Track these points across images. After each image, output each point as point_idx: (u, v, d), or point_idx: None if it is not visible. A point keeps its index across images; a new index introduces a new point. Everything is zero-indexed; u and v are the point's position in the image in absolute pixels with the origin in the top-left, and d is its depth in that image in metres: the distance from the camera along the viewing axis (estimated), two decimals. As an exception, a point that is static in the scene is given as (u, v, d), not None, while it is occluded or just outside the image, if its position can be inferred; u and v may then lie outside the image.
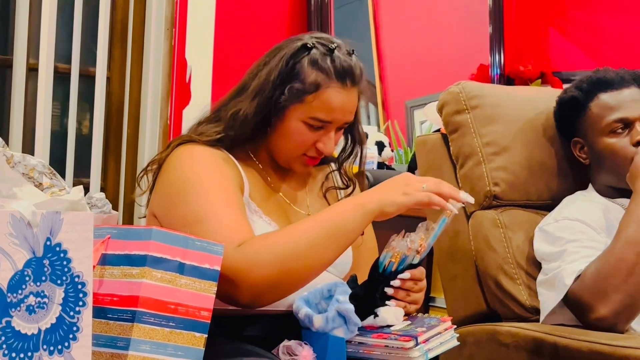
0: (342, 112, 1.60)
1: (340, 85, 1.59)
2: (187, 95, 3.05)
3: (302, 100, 1.58)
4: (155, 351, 1.22)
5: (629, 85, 1.94)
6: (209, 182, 1.52)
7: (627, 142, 1.89)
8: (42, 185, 1.37)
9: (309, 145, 1.61)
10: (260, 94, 1.59)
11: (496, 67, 3.76)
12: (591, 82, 1.97)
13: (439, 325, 1.49)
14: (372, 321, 1.49)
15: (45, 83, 2.72)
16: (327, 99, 1.58)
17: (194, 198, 1.51)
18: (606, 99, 1.93)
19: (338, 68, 1.59)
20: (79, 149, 2.88)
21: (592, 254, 1.79)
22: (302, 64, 1.59)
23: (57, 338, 1.12)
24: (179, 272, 1.25)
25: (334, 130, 1.62)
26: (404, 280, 1.51)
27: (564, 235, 1.86)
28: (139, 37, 3.02)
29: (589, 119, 1.94)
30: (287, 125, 1.60)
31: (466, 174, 2.06)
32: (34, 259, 1.10)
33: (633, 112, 1.90)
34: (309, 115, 1.58)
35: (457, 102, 2.07)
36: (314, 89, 1.57)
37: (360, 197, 1.50)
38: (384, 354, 1.44)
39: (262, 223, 1.58)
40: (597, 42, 3.66)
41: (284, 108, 1.59)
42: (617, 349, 1.59)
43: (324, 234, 1.45)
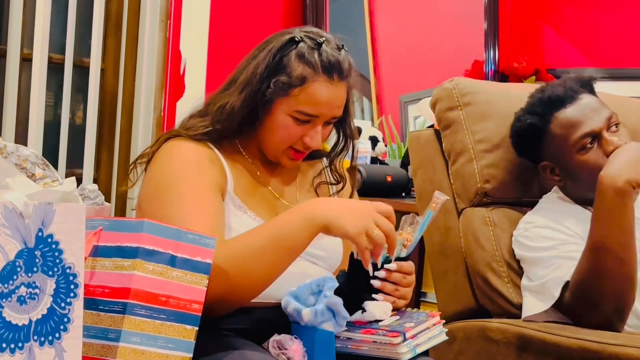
0: (328, 106, 1.59)
1: (326, 79, 1.58)
2: (181, 87, 3.05)
3: (288, 93, 1.57)
4: (146, 343, 1.22)
5: (582, 95, 1.89)
6: (184, 185, 1.52)
7: (601, 154, 1.84)
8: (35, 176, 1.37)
9: (296, 139, 1.61)
10: (248, 87, 1.59)
11: (491, 63, 3.77)
12: (543, 103, 1.91)
13: (428, 321, 1.50)
14: (360, 316, 1.49)
15: (39, 73, 2.72)
16: (313, 92, 1.57)
17: (167, 200, 1.52)
18: (565, 117, 1.87)
19: (325, 62, 1.58)
20: (72, 140, 2.88)
21: (571, 258, 1.78)
22: (289, 57, 1.58)
23: (48, 329, 1.12)
24: (171, 264, 1.26)
25: (321, 124, 1.61)
26: (390, 271, 1.51)
27: (536, 244, 1.86)
28: (133, 29, 3.02)
29: (554, 141, 1.89)
30: (273, 119, 1.60)
31: (458, 170, 2.06)
32: (26, 249, 1.10)
33: (597, 123, 1.85)
34: (295, 108, 1.58)
35: (450, 99, 2.07)
36: (300, 83, 1.57)
37: (311, 207, 1.47)
38: (372, 350, 1.44)
39: (246, 218, 1.58)
40: (591, 40, 3.67)
41: (271, 101, 1.58)
42: (606, 347, 1.60)
43: (267, 244, 1.43)
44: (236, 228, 1.55)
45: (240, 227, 1.55)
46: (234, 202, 1.59)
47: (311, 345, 1.44)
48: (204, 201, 1.52)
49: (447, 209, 2.06)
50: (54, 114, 2.91)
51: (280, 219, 1.47)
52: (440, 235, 2.09)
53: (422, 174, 2.16)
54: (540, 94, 1.94)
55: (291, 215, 1.46)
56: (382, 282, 1.51)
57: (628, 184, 1.71)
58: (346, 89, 1.63)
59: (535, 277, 1.83)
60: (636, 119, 2.12)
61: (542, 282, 1.80)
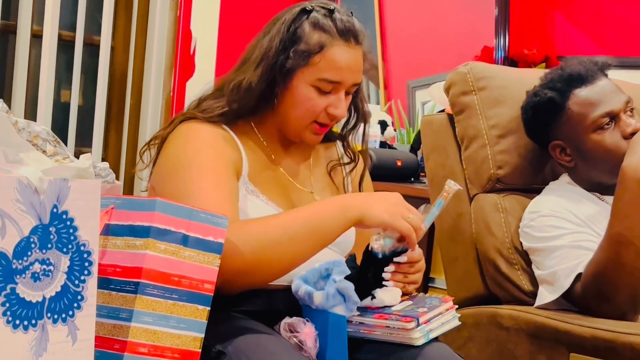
0: (349, 70, 1.58)
1: (344, 43, 1.57)
2: (192, 67, 3.04)
3: (308, 62, 1.55)
4: (158, 323, 1.21)
5: (600, 77, 1.88)
6: (202, 161, 1.51)
7: (618, 136, 1.83)
8: (46, 152, 1.36)
9: (320, 111, 1.58)
10: (264, 61, 1.58)
11: (500, 49, 3.75)
12: (563, 79, 1.89)
13: (441, 306, 1.49)
14: (369, 302, 1.48)
15: (49, 50, 2.71)
16: (333, 57, 1.56)
17: (185, 175, 1.50)
18: (584, 95, 1.86)
19: (340, 27, 1.57)
20: (81, 119, 2.87)
21: (579, 247, 1.77)
22: (303, 28, 1.57)
23: (62, 306, 1.11)
24: (183, 244, 1.24)
25: (343, 92, 1.59)
26: (399, 264, 1.50)
27: (543, 234, 1.84)
28: (144, 7, 3.00)
29: (570, 118, 1.87)
30: (295, 92, 1.58)
31: (470, 155, 2.05)
32: (40, 226, 1.09)
33: (616, 104, 1.84)
34: (317, 76, 1.56)
35: (465, 83, 2.06)
36: (319, 49, 1.55)
37: (345, 200, 1.48)
38: (385, 334, 1.43)
39: (259, 203, 1.57)
40: (601, 27, 3.64)
41: (291, 73, 1.56)
42: (619, 336, 1.59)
43: (302, 231, 1.43)
44: (247, 211, 1.54)
45: (251, 210, 1.54)
46: (246, 186, 1.57)
47: (323, 329, 1.43)
48: (223, 179, 1.50)
49: (459, 195, 2.04)
50: (63, 92, 2.90)
51: (315, 207, 1.48)
52: (451, 221, 2.08)
53: (434, 158, 2.15)
54: (560, 71, 1.93)
55: (328, 205, 1.46)
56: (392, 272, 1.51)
57: None
58: (362, 55, 1.61)
59: (545, 267, 1.82)
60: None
61: (552, 272, 1.79)
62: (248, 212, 1.54)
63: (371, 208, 1.44)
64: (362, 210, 1.44)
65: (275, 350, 1.36)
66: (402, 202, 1.46)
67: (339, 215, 1.44)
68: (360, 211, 1.44)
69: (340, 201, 1.47)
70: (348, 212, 1.44)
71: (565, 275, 1.75)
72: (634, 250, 1.68)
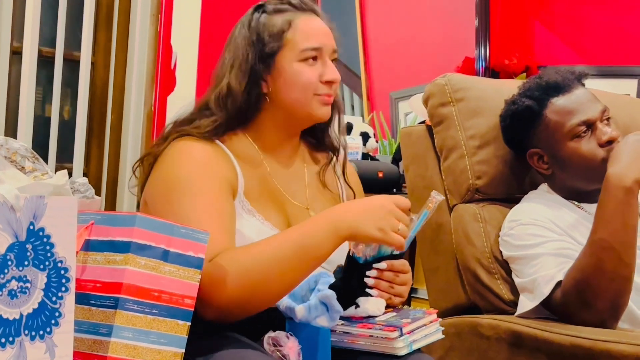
0: (324, 34, 1.62)
1: (307, 14, 1.62)
2: (172, 81, 3.04)
3: (283, 42, 1.59)
4: (138, 338, 1.21)
5: (577, 86, 1.91)
6: (195, 186, 1.51)
7: (594, 144, 1.84)
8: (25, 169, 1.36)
9: (315, 82, 1.60)
10: (236, 62, 1.60)
11: (481, 60, 3.77)
12: (540, 88, 1.92)
13: (424, 318, 1.49)
14: (353, 312, 1.48)
15: (29, 66, 2.71)
16: (305, 26, 1.60)
17: (179, 200, 1.50)
18: (562, 104, 1.88)
19: (296, 4, 1.63)
20: (62, 134, 2.87)
21: (559, 255, 1.78)
22: (262, 19, 1.61)
23: (39, 323, 1.11)
24: (163, 259, 1.25)
25: (328, 57, 1.61)
26: (381, 270, 1.50)
27: (523, 242, 1.85)
28: (124, 22, 3.00)
29: (547, 127, 1.89)
30: (285, 75, 1.59)
31: (449, 166, 2.06)
32: (17, 243, 1.09)
33: (593, 112, 1.86)
34: (298, 50, 1.58)
35: (443, 95, 2.07)
36: (288, 26, 1.59)
37: (333, 216, 1.45)
38: (369, 344, 1.43)
39: (255, 222, 1.57)
40: (581, 37, 3.68)
41: (271, 60, 1.59)
42: (597, 343, 1.60)
43: (293, 256, 1.42)
44: (244, 232, 1.54)
45: (248, 231, 1.54)
46: (243, 205, 1.57)
47: (306, 343, 1.43)
48: (217, 202, 1.50)
49: (439, 205, 2.05)
50: (44, 107, 2.90)
51: (305, 227, 1.45)
52: (431, 231, 2.09)
53: (414, 170, 2.16)
54: (538, 80, 1.95)
55: (316, 225, 1.44)
56: (376, 280, 1.51)
57: (636, 184, 1.71)
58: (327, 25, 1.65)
59: (525, 275, 1.83)
60: (625, 115, 2.12)
61: (532, 279, 1.80)
62: (244, 231, 1.54)
63: (361, 225, 1.42)
64: (352, 228, 1.42)
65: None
66: (391, 213, 1.43)
67: (329, 236, 1.43)
68: (350, 229, 1.42)
69: (329, 219, 1.45)
70: (338, 231, 1.43)
71: (545, 282, 1.76)
72: (616, 256, 1.69)
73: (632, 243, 1.71)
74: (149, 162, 1.61)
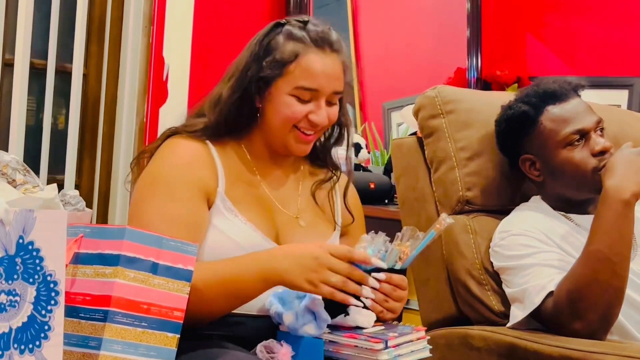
0: (326, 77, 1.59)
1: (319, 51, 1.59)
2: (164, 93, 3.04)
3: (284, 72, 1.58)
4: (127, 351, 1.22)
5: (573, 96, 1.92)
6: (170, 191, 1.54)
7: (587, 153, 1.86)
8: (16, 181, 1.37)
9: (300, 117, 1.59)
10: (236, 73, 1.61)
11: (473, 70, 3.78)
12: (537, 95, 1.93)
13: (412, 334, 1.49)
14: (342, 319, 1.48)
15: (20, 79, 2.71)
16: (308, 64, 1.57)
17: (151, 200, 1.53)
18: (557, 112, 1.90)
19: (314, 35, 1.60)
20: (54, 146, 2.87)
21: (550, 265, 1.79)
22: (276, 40, 1.60)
23: (29, 337, 1.11)
24: (152, 272, 1.25)
25: (323, 100, 1.60)
26: (379, 280, 1.49)
27: (514, 252, 1.86)
28: (116, 34, 3.01)
29: (542, 134, 1.91)
30: (275, 102, 1.59)
31: (440, 178, 2.06)
32: (6, 257, 1.10)
33: (587, 122, 1.88)
34: (293, 85, 1.58)
35: (433, 107, 2.08)
36: (294, 58, 1.57)
37: (265, 264, 1.45)
38: (354, 354, 1.44)
39: (237, 222, 1.58)
40: (572, 48, 3.69)
41: (268, 84, 1.59)
42: (587, 355, 1.60)
43: (220, 294, 1.46)
44: (225, 231, 1.56)
45: (228, 229, 1.56)
46: (224, 203, 1.58)
47: (299, 351, 1.44)
48: (184, 209, 1.52)
49: (429, 217, 2.07)
50: (36, 119, 2.90)
51: (237, 273, 1.47)
52: (422, 242, 2.09)
53: (405, 181, 2.17)
54: (535, 87, 1.97)
55: (247, 273, 1.46)
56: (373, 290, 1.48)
57: (634, 197, 1.72)
58: (341, 63, 1.62)
59: (515, 285, 1.83)
60: (616, 126, 2.14)
61: (523, 289, 1.80)
62: (225, 231, 1.56)
63: (289, 275, 1.42)
64: (281, 277, 1.43)
65: None
66: (323, 265, 1.41)
67: (258, 282, 1.45)
68: (279, 278, 1.44)
69: (260, 265, 1.45)
70: (267, 279, 1.44)
71: (537, 292, 1.77)
72: (611, 268, 1.70)
73: (627, 256, 1.72)
74: (145, 158, 1.65)
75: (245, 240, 1.56)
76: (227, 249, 1.54)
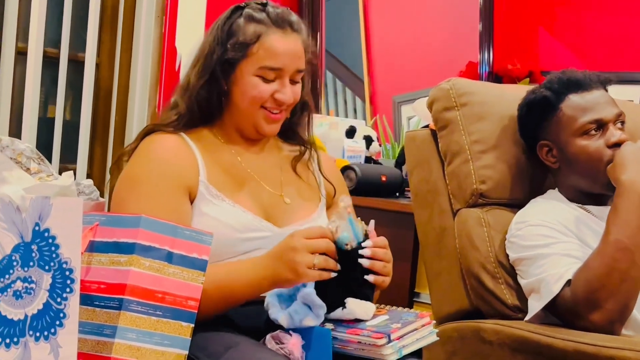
0: (289, 56, 1.63)
1: (280, 31, 1.63)
2: (176, 83, 3.04)
3: (247, 53, 1.61)
4: (142, 340, 1.22)
5: (598, 87, 1.93)
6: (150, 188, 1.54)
7: (602, 144, 1.86)
8: (30, 170, 1.36)
9: (267, 97, 1.63)
10: (200, 59, 1.65)
11: (485, 64, 3.77)
12: (561, 82, 1.94)
13: (416, 322, 1.48)
14: (340, 313, 1.47)
15: (33, 67, 2.71)
16: (270, 45, 1.61)
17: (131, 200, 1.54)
18: (578, 100, 1.90)
19: (273, 16, 1.64)
20: (66, 135, 2.87)
21: (568, 255, 1.79)
22: (238, 23, 1.64)
23: (44, 324, 1.11)
24: (167, 260, 1.25)
25: (287, 78, 1.64)
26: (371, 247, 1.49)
27: (531, 242, 1.85)
28: (129, 24, 3.01)
29: (560, 120, 1.91)
30: (241, 84, 1.63)
31: (453, 171, 2.06)
32: (22, 244, 1.10)
33: (607, 113, 1.88)
34: (257, 65, 1.61)
35: (447, 99, 2.07)
36: (256, 39, 1.61)
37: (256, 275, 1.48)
38: (358, 350, 1.43)
39: (225, 205, 1.59)
40: (585, 43, 3.67)
41: (233, 66, 1.62)
42: (601, 349, 1.59)
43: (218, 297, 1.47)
44: (216, 216, 1.57)
45: (220, 215, 1.57)
46: (209, 190, 1.60)
47: (308, 340, 1.43)
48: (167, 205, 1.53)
49: (443, 210, 2.06)
50: (48, 108, 2.90)
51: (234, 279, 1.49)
52: (435, 235, 2.09)
53: (418, 174, 2.16)
54: (561, 74, 1.97)
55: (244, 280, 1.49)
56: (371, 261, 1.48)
57: None
58: (301, 43, 1.66)
59: (531, 275, 1.83)
60: (629, 121, 2.12)
61: (539, 278, 1.80)
62: (217, 216, 1.57)
63: (279, 276, 1.46)
64: (274, 282, 1.47)
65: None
66: (301, 250, 1.44)
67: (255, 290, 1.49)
68: (273, 283, 1.47)
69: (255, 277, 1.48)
70: (262, 287, 1.48)
71: (555, 281, 1.76)
72: (630, 258, 1.70)
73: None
74: (124, 161, 1.66)
75: (238, 222, 1.58)
76: (222, 234, 1.54)
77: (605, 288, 1.70)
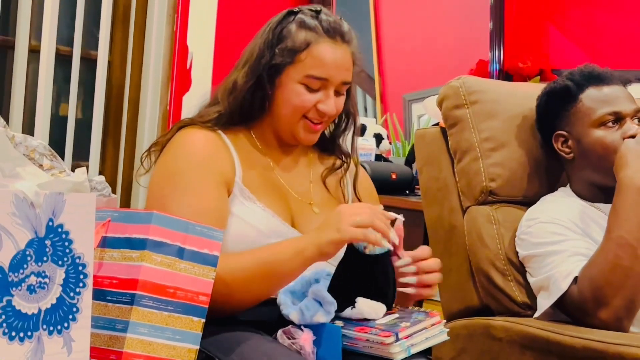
0: (336, 67, 1.61)
1: (330, 41, 1.61)
2: (188, 81, 3.06)
3: (294, 59, 1.59)
4: (153, 334, 1.23)
5: (618, 83, 1.95)
6: (189, 182, 1.54)
7: (618, 137, 1.88)
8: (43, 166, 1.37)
9: (309, 107, 1.61)
10: (249, 61, 1.63)
11: (495, 62, 3.77)
12: (582, 74, 1.97)
13: (426, 320, 1.48)
14: (349, 312, 1.48)
15: (46, 65, 2.72)
16: (319, 54, 1.59)
17: (171, 195, 1.53)
18: (598, 92, 1.93)
19: (326, 25, 1.61)
20: (78, 133, 2.89)
21: (578, 253, 1.79)
22: (289, 28, 1.62)
23: (57, 318, 1.13)
24: (179, 256, 1.26)
25: (332, 89, 1.62)
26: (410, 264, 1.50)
27: (541, 239, 1.86)
28: (141, 22, 3.02)
29: (579, 110, 1.93)
30: (285, 90, 1.61)
31: (463, 168, 2.06)
32: (36, 239, 1.11)
33: (625, 107, 1.90)
34: (304, 74, 1.59)
35: (457, 97, 2.08)
36: (305, 46, 1.59)
37: (300, 242, 1.49)
38: (366, 348, 1.43)
39: (256, 209, 1.59)
40: (596, 40, 3.67)
41: (279, 71, 1.60)
42: (610, 346, 1.60)
43: (260, 275, 1.47)
44: (246, 218, 1.57)
45: (249, 217, 1.57)
46: (242, 193, 1.59)
47: (319, 336, 1.44)
48: (206, 200, 1.53)
49: (452, 207, 2.07)
50: (61, 106, 2.92)
51: (274, 251, 1.49)
52: (444, 233, 2.10)
53: (428, 171, 2.17)
54: (582, 68, 2.00)
55: (286, 250, 1.48)
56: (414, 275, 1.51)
57: None
58: (351, 54, 1.64)
59: (540, 272, 1.83)
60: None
61: (548, 276, 1.80)
62: (246, 218, 1.57)
63: (322, 238, 1.45)
64: (316, 245, 1.46)
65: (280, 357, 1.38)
66: (343, 213, 1.45)
67: (298, 259, 1.47)
68: (316, 247, 1.46)
69: (296, 245, 1.48)
70: (305, 254, 1.46)
71: (563, 277, 1.77)
72: (633, 253, 1.71)
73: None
74: (156, 151, 1.65)
75: (266, 226, 1.58)
76: (250, 236, 1.55)
77: (610, 285, 1.70)
